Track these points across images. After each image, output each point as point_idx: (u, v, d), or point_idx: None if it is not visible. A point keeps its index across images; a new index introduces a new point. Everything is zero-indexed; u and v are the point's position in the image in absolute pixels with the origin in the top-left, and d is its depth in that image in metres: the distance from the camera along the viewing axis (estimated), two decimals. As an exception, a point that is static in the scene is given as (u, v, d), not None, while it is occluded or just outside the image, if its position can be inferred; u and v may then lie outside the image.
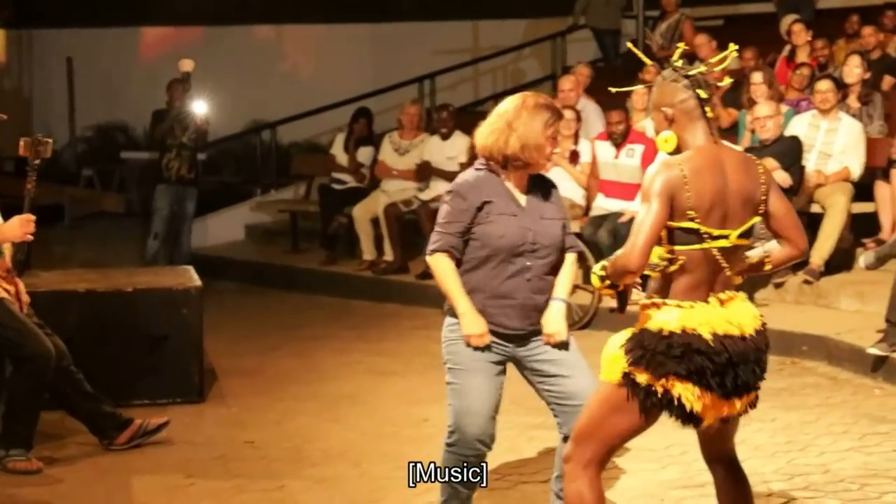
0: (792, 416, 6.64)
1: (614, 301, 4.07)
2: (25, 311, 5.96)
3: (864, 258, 7.73)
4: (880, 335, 7.38)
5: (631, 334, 3.88)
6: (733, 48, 4.11)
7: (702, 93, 3.90)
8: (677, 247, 3.83)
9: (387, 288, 10.77)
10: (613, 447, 3.99)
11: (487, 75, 17.42)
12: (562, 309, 4.61)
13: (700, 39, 12.17)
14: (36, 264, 7.06)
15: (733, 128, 10.36)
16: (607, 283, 3.95)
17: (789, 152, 8.94)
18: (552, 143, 4.57)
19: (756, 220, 3.91)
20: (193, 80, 11.30)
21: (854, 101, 9.88)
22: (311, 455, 6.17)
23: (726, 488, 4.11)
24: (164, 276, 7.86)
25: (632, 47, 4.96)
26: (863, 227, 9.28)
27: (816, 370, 7.76)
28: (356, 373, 8.00)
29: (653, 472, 5.71)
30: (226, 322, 9.48)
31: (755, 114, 9.17)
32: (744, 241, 3.89)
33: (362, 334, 9.31)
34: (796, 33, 11.73)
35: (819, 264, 8.80)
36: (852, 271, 9.05)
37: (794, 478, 5.60)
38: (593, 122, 10.89)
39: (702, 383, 3.74)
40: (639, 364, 3.79)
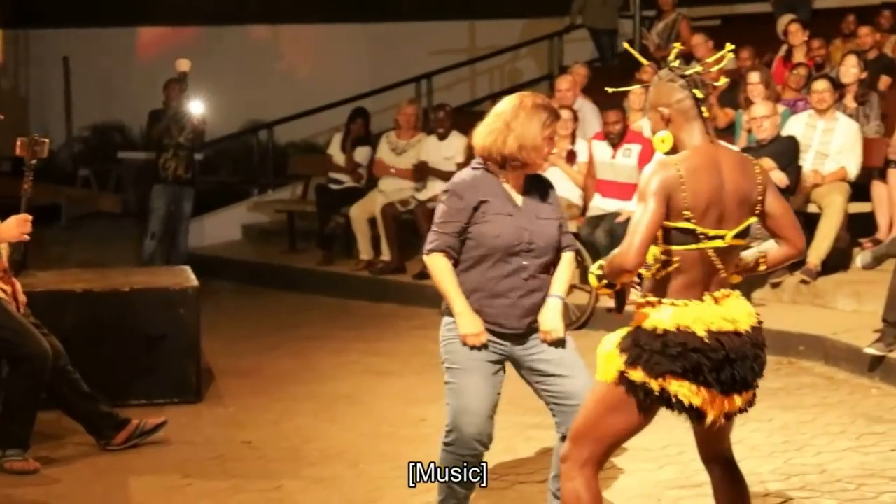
0: (789, 415, 6.65)
1: (612, 301, 4.08)
2: (22, 311, 5.96)
3: (860, 258, 7.74)
4: (877, 335, 7.39)
5: (626, 333, 3.88)
6: (729, 48, 4.11)
7: (698, 93, 3.90)
8: (673, 246, 3.83)
9: (384, 288, 10.77)
10: (611, 447, 3.98)
11: (484, 75, 17.42)
12: (558, 306, 4.61)
13: (697, 39, 12.18)
14: (33, 264, 7.08)
15: (730, 128, 10.36)
16: (604, 282, 3.96)
17: (786, 152, 8.95)
18: (549, 144, 4.58)
19: (752, 220, 3.92)
20: (190, 80, 11.28)
21: (851, 101, 9.88)
22: (309, 455, 6.17)
23: (723, 488, 4.11)
24: (161, 276, 7.86)
25: (628, 48, 4.95)
26: (860, 227, 9.29)
27: (813, 370, 7.76)
28: (353, 373, 8.00)
29: (650, 472, 5.72)
30: (223, 322, 9.47)
31: (752, 114, 9.18)
32: (740, 241, 3.90)
33: (359, 334, 9.30)
34: (793, 33, 11.73)
35: (816, 264, 8.81)
36: (849, 271, 9.06)
37: (790, 478, 5.60)
38: (590, 121, 10.88)
39: (699, 380, 3.75)
40: (635, 363, 3.79)
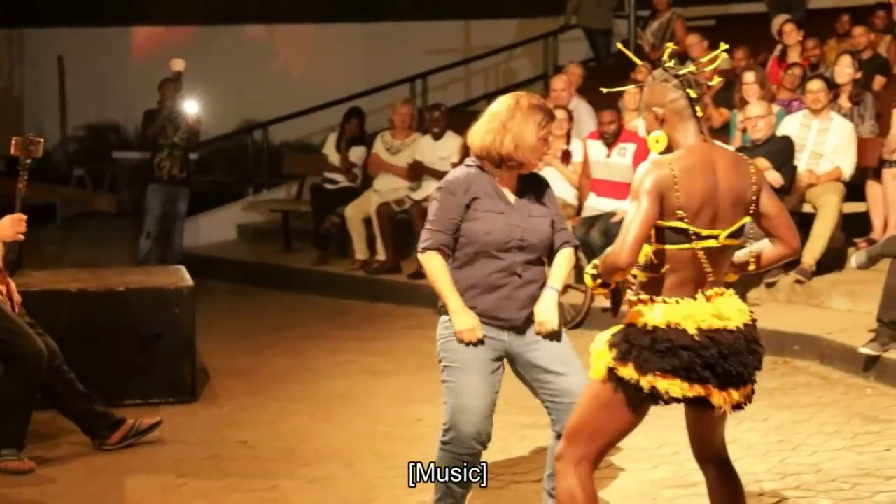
0: (784, 415, 6.65)
1: (608, 301, 4.08)
2: (17, 310, 5.95)
3: (855, 258, 7.74)
4: (872, 335, 7.40)
5: (617, 330, 3.89)
6: (724, 48, 4.12)
7: (692, 92, 3.90)
8: (666, 246, 3.83)
9: (379, 287, 10.77)
10: (605, 445, 3.97)
11: (479, 75, 17.43)
12: (554, 297, 4.60)
13: (692, 39, 12.19)
14: (27, 264, 7.07)
15: (725, 127, 10.37)
16: (599, 281, 3.96)
17: (781, 152, 8.95)
18: (545, 144, 4.59)
19: (746, 220, 3.92)
20: (185, 80, 11.27)
21: (845, 101, 9.89)
22: (304, 455, 6.17)
23: (718, 487, 4.11)
24: (156, 276, 7.85)
25: (622, 48, 4.97)
26: (854, 227, 9.30)
27: (808, 370, 7.77)
28: (349, 372, 8.00)
29: (645, 472, 5.72)
30: (218, 322, 9.47)
31: (747, 113, 9.18)
32: (733, 241, 3.89)
33: (355, 334, 9.30)
34: (787, 33, 11.74)
35: (811, 264, 8.82)
36: (844, 271, 9.07)
37: (785, 477, 5.61)
38: (585, 121, 10.89)
39: (690, 377, 3.74)
40: (624, 359, 3.79)
